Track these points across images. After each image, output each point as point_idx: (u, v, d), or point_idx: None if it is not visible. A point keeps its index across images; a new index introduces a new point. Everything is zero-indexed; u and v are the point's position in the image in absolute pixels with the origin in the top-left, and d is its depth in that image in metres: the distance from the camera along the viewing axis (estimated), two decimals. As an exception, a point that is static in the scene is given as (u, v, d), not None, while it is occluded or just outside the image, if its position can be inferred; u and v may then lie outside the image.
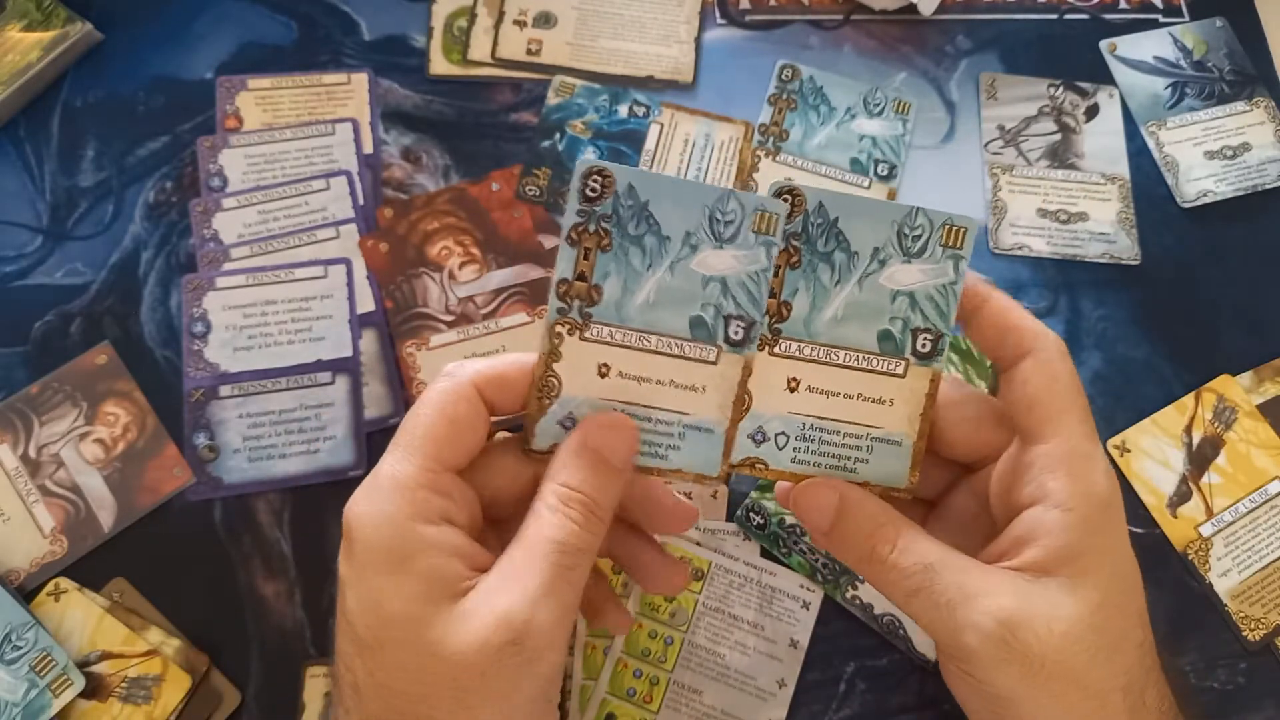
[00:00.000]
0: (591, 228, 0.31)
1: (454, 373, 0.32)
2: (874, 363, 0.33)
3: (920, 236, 0.33)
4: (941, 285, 0.33)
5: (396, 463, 0.30)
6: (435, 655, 0.28)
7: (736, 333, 0.32)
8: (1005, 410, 0.33)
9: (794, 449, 0.34)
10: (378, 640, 0.29)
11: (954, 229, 0.33)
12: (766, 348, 0.33)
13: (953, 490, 0.36)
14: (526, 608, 0.28)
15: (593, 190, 0.31)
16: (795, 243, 0.32)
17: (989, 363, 0.50)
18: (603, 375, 0.32)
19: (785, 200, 0.31)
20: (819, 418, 0.34)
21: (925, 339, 0.33)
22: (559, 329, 0.31)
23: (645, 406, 0.32)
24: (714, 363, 0.32)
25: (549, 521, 0.30)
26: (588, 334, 0.32)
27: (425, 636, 0.28)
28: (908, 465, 0.34)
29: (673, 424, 0.32)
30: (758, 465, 0.34)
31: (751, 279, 0.32)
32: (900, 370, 0.33)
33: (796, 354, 0.33)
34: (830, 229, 0.32)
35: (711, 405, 0.33)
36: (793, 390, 0.33)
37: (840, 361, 0.33)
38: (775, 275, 0.32)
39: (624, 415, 0.32)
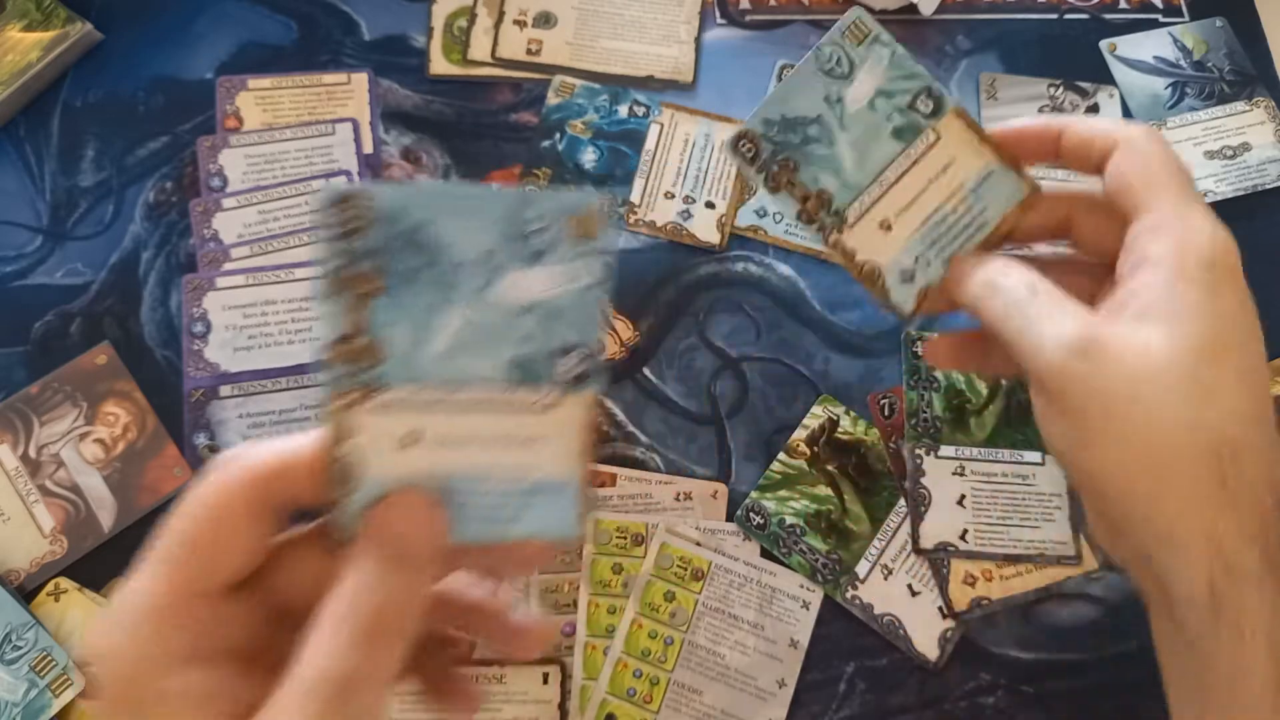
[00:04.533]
0: (355, 269, 0.24)
1: (227, 463, 0.24)
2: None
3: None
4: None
5: (141, 584, 0.24)
6: None
7: (573, 367, 0.26)
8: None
9: (936, 254, 0.36)
10: None
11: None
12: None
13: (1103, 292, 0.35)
14: None
15: (346, 223, 0.24)
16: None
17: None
18: (411, 446, 0.26)
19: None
20: (925, 224, 0.35)
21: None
22: (340, 402, 0.25)
23: (473, 474, 0.26)
24: (551, 407, 0.26)
25: (319, 649, 0.23)
26: (379, 401, 0.25)
27: None
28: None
29: (512, 487, 0.26)
30: (930, 291, 0.35)
31: (582, 298, 0.26)
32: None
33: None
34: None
35: (556, 457, 0.27)
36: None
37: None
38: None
39: (418, 493, 0.25)
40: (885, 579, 0.46)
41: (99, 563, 0.45)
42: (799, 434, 0.48)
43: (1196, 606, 0.29)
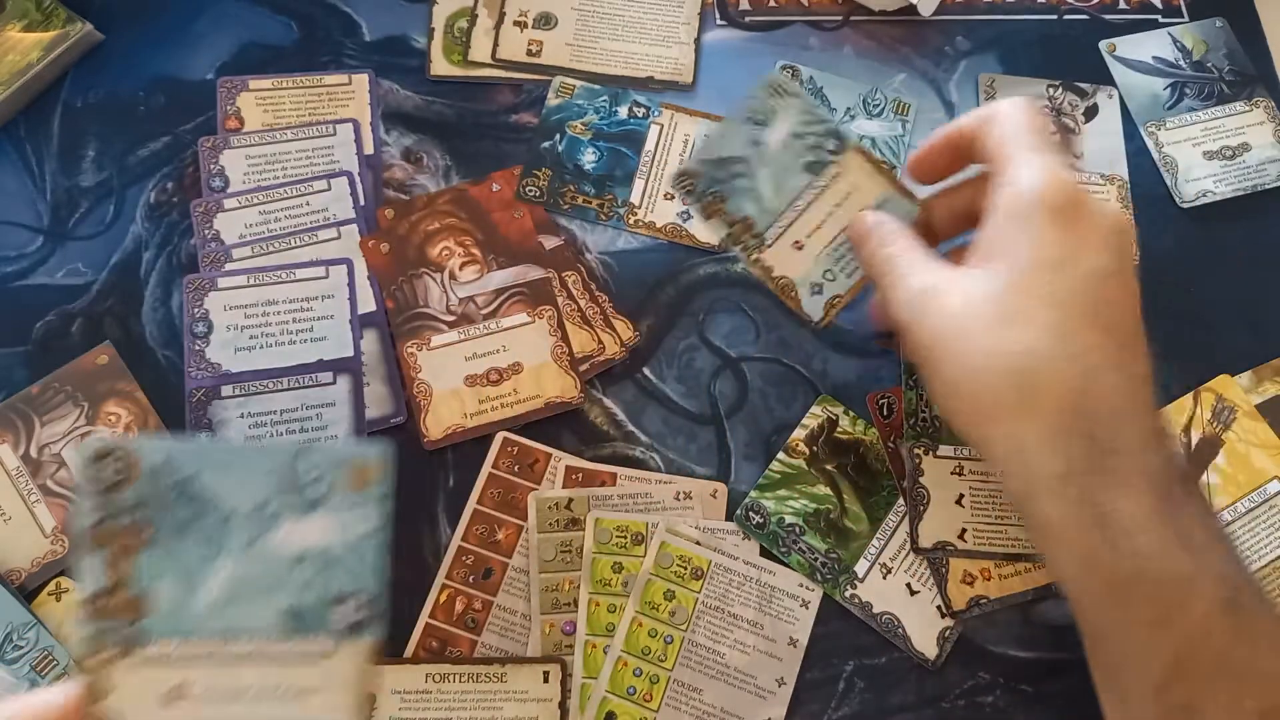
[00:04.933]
0: (120, 522, 0.25)
1: None
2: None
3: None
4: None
5: None
6: None
7: (349, 615, 0.27)
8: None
9: (841, 269, 0.43)
10: None
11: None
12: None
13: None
14: None
15: (108, 478, 0.24)
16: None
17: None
18: (175, 702, 0.25)
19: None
20: (832, 244, 0.43)
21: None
22: (98, 658, 0.25)
23: None
24: (326, 657, 0.26)
25: None
26: (143, 656, 0.25)
27: None
28: (900, 198, 0.41)
29: None
30: (836, 300, 0.43)
31: (359, 546, 0.27)
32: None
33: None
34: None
35: (331, 709, 0.26)
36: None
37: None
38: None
39: None
40: (884, 578, 0.46)
41: (100, 562, 0.45)
42: (798, 434, 0.48)
43: (1019, 506, 0.35)
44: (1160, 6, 0.59)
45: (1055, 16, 0.59)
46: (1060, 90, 0.57)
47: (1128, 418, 0.32)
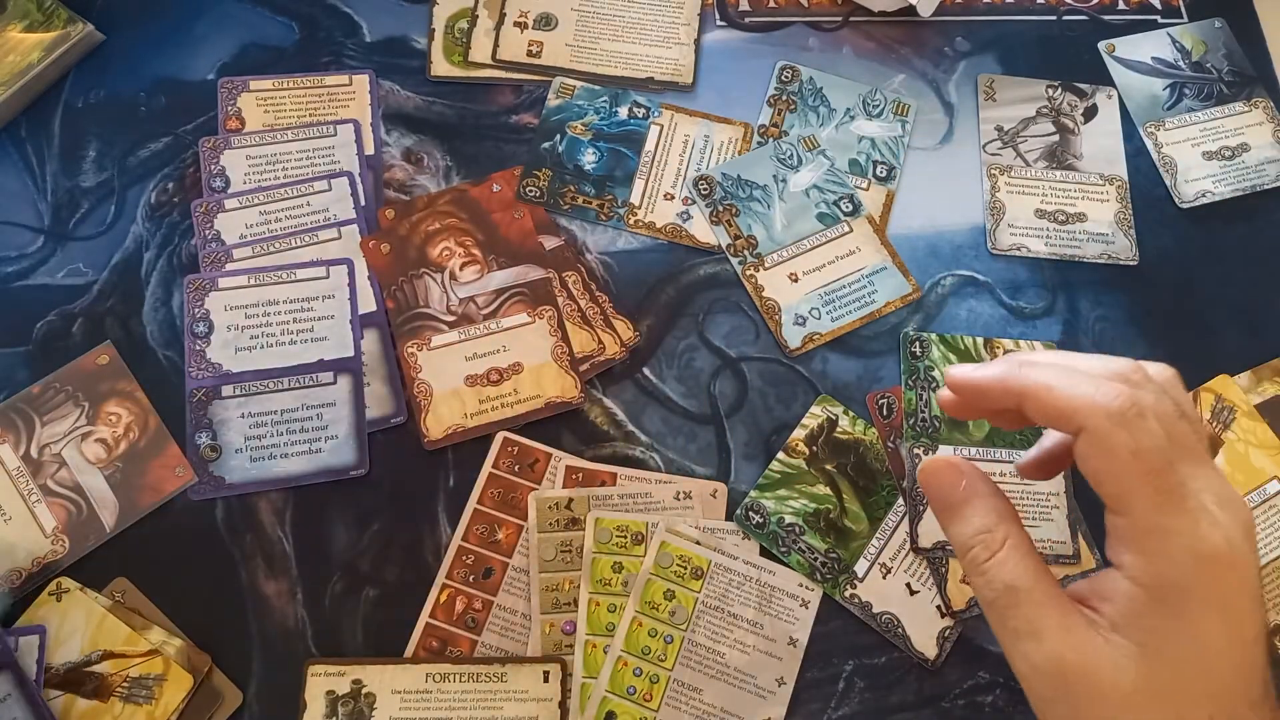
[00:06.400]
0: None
1: None
2: (827, 234, 0.52)
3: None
4: (826, 176, 0.50)
5: None
6: None
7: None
8: None
9: (827, 312, 0.50)
10: None
11: None
12: (756, 268, 0.49)
13: None
14: None
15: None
16: (728, 203, 0.51)
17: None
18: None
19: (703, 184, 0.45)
20: (824, 287, 0.51)
21: (845, 202, 0.52)
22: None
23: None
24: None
25: None
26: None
27: None
28: (900, 274, 0.51)
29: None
30: (814, 337, 0.50)
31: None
32: (846, 229, 0.51)
33: (778, 259, 0.50)
34: (738, 186, 0.51)
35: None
36: (796, 281, 0.50)
37: (808, 247, 0.51)
38: (730, 225, 0.50)
39: None
40: (884, 578, 0.46)
41: (101, 562, 0.45)
42: (798, 433, 0.48)
43: None
44: (1159, 7, 0.60)
45: (1054, 17, 0.59)
46: (1059, 91, 0.57)
47: None
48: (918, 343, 0.50)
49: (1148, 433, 0.29)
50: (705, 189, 0.52)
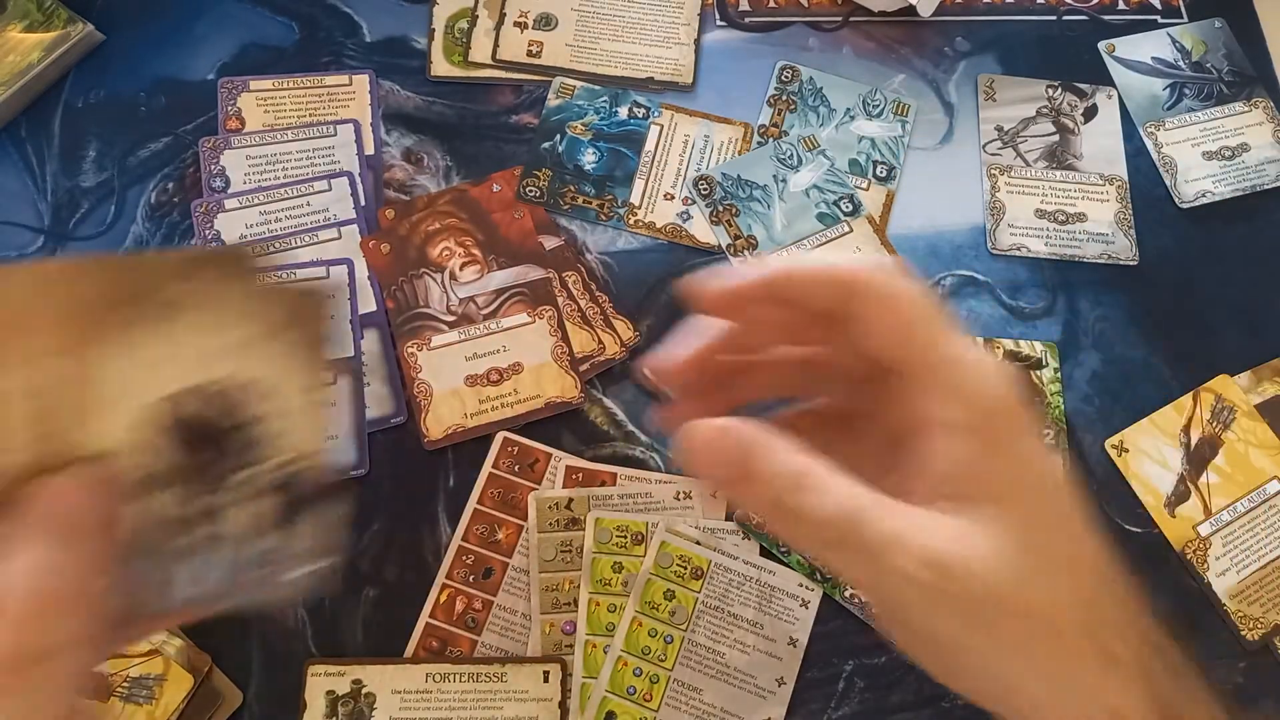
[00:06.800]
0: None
1: None
2: (827, 234, 0.52)
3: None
4: (826, 176, 0.49)
5: None
6: None
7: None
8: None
9: None
10: None
11: None
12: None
13: (858, 410, 0.32)
14: None
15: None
16: (729, 203, 0.51)
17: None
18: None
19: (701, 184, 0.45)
20: None
21: (845, 202, 0.52)
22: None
23: None
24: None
25: None
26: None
27: None
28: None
29: None
30: None
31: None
32: (846, 229, 0.52)
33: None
34: (738, 186, 0.51)
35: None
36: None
37: (808, 247, 0.51)
38: (731, 225, 0.50)
39: None
40: (884, 578, 0.46)
41: (101, 562, 0.45)
42: (798, 434, 0.48)
43: None
44: (1159, 7, 0.60)
45: (1054, 17, 0.59)
46: (1059, 91, 0.57)
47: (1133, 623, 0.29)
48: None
49: (915, 285, 0.28)
50: (705, 189, 0.52)
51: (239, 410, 0.26)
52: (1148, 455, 0.48)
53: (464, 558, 0.46)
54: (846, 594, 0.45)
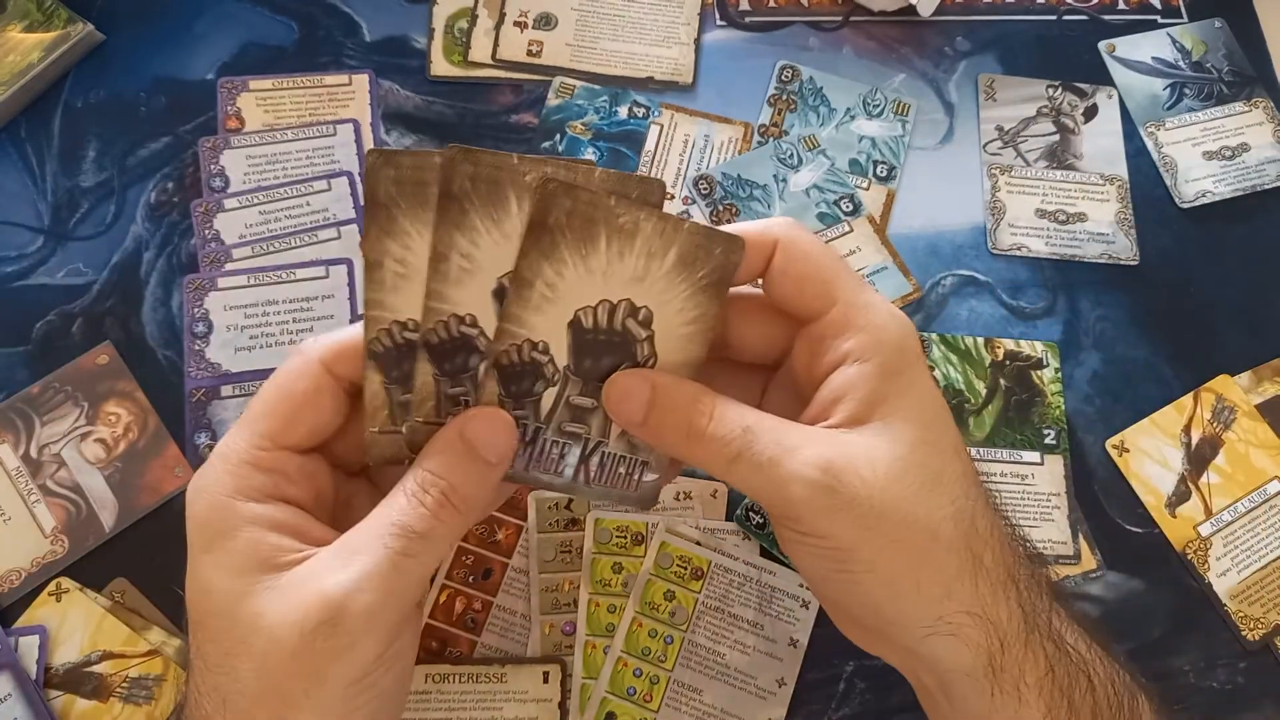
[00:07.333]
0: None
1: (303, 349, 0.31)
2: (828, 234, 0.51)
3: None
4: (826, 176, 0.48)
5: (228, 440, 0.30)
6: (249, 628, 0.27)
7: (852, 200, 0.50)
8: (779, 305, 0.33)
9: None
10: (199, 615, 0.29)
11: None
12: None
13: (768, 389, 0.35)
14: (348, 588, 0.27)
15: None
16: (727, 204, 0.48)
17: (987, 362, 0.50)
18: None
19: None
20: None
21: (846, 202, 0.52)
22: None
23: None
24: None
25: (398, 505, 0.29)
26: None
27: (239, 609, 0.27)
28: (900, 274, 0.51)
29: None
30: None
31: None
32: (846, 229, 0.51)
33: None
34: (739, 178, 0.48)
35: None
36: None
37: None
38: (733, 218, 0.49)
39: (505, 414, 0.30)
40: (884, 578, 0.46)
41: (100, 562, 0.45)
42: (798, 434, 0.48)
43: (976, 680, 0.30)
44: (1159, 7, 0.60)
45: (1054, 17, 0.59)
46: (1059, 91, 0.57)
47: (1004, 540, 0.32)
48: (918, 343, 0.50)
49: (817, 238, 0.32)
50: (705, 189, 0.52)
51: (630, 333, 0.30)
52: (1148, 455, 0.48)
53: (464, 558, 0.46)
54: (847, 594, 0.45)
